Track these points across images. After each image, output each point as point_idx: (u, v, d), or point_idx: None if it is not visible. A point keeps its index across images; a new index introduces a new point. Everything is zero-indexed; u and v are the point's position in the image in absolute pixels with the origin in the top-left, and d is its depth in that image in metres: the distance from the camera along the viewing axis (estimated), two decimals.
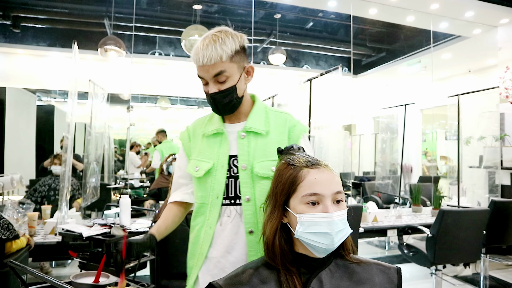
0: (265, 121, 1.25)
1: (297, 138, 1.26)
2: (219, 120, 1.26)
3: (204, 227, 1.22)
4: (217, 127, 1.24)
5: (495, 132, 4.62)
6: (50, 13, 5.50)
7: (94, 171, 4.17)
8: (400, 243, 3.47)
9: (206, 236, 1.20)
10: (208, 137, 1.26)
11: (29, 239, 2.43)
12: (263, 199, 1.10)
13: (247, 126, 1.22)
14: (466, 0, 4.46)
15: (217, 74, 1.14)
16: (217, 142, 1.24)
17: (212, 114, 1.31)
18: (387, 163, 5.67)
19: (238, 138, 1.22)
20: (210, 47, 1.12)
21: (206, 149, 1.25)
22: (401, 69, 6.86)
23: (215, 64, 1.13)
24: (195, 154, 1.27)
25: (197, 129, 1.32)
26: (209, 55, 1.12)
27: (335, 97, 3.88)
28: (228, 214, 1.19)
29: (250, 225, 1.16)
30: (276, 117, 1.27)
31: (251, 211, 1.16)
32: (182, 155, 1.35)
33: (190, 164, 1.27)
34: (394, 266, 0.97)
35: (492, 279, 3.97)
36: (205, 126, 1.29)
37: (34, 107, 6.72)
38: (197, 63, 1.14)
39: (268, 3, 5.39)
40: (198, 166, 1.23)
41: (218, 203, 1.19)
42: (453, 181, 5.00)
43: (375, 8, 4.64)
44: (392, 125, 5.77)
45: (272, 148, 1.18)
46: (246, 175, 1.18)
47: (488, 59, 6.02)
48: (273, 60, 5.76)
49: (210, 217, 1.20)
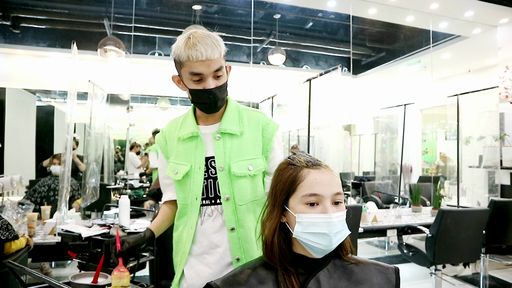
0: (239, 122, 1.28)
1: (271, 136, 1.29)
2: (193, 122, 1.28)
3: (186, 227, 1.26)
4: (191, 131, 1.26)
5: (495, 131, 4.62)
6: (49, 14, 5.49)
7: (93, 172, 4.18)
8: (400, 243, 3.47)
9: (188, 235, 1.25)
10: (184, 141, 1.27)
11: (29, 239, 2.43)
12: (242, 197, 1.22)
13: (222, 128, 1.24)
14: (466, 0, 4.46)
15: (218, 69, 1.16)
16: (193, 145, 1.26)
17: (185, 116, 1.33)
18: (387, 163, 5.67)
19: (214, 140, 1.24)
20: (210, 43, 1.14)
21: (183, 152, 1.27)
22: (401, 69, 6.86)
23: (217, 59, 1.15)
24: (173, 157, 1.30)
25: (172, 132, 1.33)
26: (212, 50, 1.13)
27: (334, 97, 3.88)
28: (209, 214, 1.24)
29: (231, 222, 1.21)
30: (249, 117, 1.30)
31: (231, 209, 1.22)
32: (162, 158, 1.37)
33: (169, 167, 1.30)
34: (392, 266, 0.97)
35: (492, 279, 3.97)
36: (180, 130, 1.30)
37: (34, 107, 6.72)
38: (197, 59, 1.13)
39: (268, 3, 5.39)
40: (177, 169, 1.26)
41: (197, 204, 1.24)
42: (453, 181, 5.00)
43: (374, 8, 4.64)
44: (392, 125, 5.77)
45: (247, 147, 1.25)
46: (224, 175, 1.22)
47: (488, 59, 6.02)
48: (273, 60, 5.76)
49: (191, 217, 1.25)
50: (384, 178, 5.48)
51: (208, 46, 1.13)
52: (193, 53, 1.13)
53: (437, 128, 8.90)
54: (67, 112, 2.93)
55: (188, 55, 1.13)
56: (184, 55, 1.14)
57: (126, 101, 6.58)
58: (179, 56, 1.16)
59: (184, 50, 1.14)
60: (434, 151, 9.11)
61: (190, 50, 1.13)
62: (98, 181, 4.29)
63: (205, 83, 1.17)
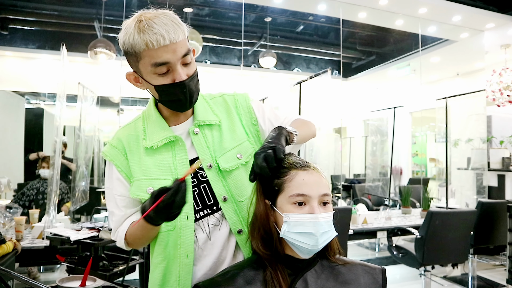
0: (211, 110, 1.09)
1: (249, 109, 1.12)
2: (160, 125, 1.04)
3: (176, 260, 1.01)
4: (166, 135, 1.02)
5: (483, 134, 4.70)
6: (39, 15, 5.45)
7: (83, 175, 4.14)
8: (390, 245, 3.50)
9: (183, 267, 1.01)
10: (157, 149, 1.02)
11: (16, 243, 2.40)
12: (240, 192, 1.04)
13: (199, 120, 1.05)
14: (454, 5, 4.53)
15: (185, 53, 0.93)
16: (169, 152, 1.03)
17: (145, 120, 1.07)
18: (377, 166, 5.71)
19: (192, 136, 1.04)
20: (169, 23, 0.90)
21: (154, 165, 1.02)
22: (391, 72, 6.94)
23: (183, 41, 0.92)
24: (139, 174, 1.02)
25: (131, 143, 1.05)
26: (174, 31, 0.90)
27: (325, 100, 3.91)
28: (214, 223, 1.03)
29: (236, 224, 1.03)
30: (216, 103, 1.12)
31: (232, 209, 1.03)
32: (120, 181, 1.04)
33: (136, 187, 1.01)
34: (379, 267, 0.98)
35: (480, 279, 4.02)
36: (145, 138, 1.04)
37: (23, 110, 6.64)
38: (158, 44, 0.88)
39: (259, 6, 5.41)
40: (151, 187, 0.99)
41: (189, 224, 1.01)
42: (442, 183, 5.06)
43: (364, 12, 4.69)
44: (382, 128, 5.81)
45: (228, 136, 1.07)
46: (213, 174, 1.03)
47: (476, 62, 6.12)
48: (264, 63, 5.78)
49: (184, 243, 1.00)
50: (375, 181, 5.52)
51: (168, 26, 0.89)
52: (152, 38, 0.88)
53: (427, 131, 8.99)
54: (56, 115, 2.90)
55: (146, 42, 0.88)
56: (141, 43, 0.89)
57: (117, 103, 6.54)
58: (132, 46, 0.91)
59: (139, 36, 0.89)
60: (424, 153, 9.20)
61: (147, 35, 0.88)
62: (88, 184, 4.25)
63: (174, 74, 0.93)
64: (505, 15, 4.76)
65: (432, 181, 7.38)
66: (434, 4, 4.43)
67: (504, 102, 4.70)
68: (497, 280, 4.06)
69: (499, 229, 3.49)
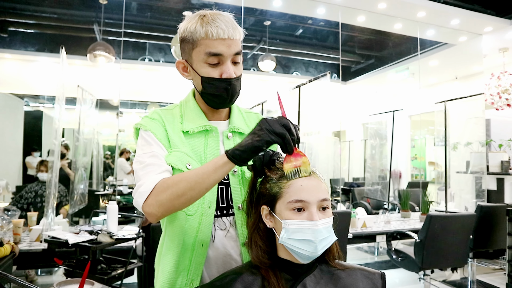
0: (245, 121, 1.13)
1: None
2: (198, 114, 1.06)
3: (190, 247, 1.00)
4: (202, 123, 1.04)
5: (481, 138, 4.70)
6: (38, 18, 5.46)
7: (82, 177, 4.13)
8: (389, 249, 3.49)
9: (197, 256, 1.00)
10: (192, 135, 1.04)
11: (14, 246, 2.39)
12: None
13: (233, 126, 1.08)
14: (452, 8, 4.55)
15: (237, 52, 0.99)
16: (201, 141, 1.04)
17: (182, 108, 1.09)
18: (376, 169, 5.71)
19: (225, 139, 1.07)
20: (230, 22, 0.97)
21: (188, 148, 1.02)
22: (390, 75, 6.95)
23: (238, 41, 0.98)
24: (181, 146, 1.02)
25: (169, 120, 1.06)
26: (233, 30, 0.97)
27: (324, 104, 3.92)
28: (221, 227, 1.03)
29: (244, 236, 1.02)
30: (249, 117, 1.16)
31: (244, 220, 1.02)
32: (159, 146, 1.00)
33: (178, 157, 0.99)
34: (378, 272, 0.97)
35: (479, 283, 4.01)
36: (181, 123, 1.05)
37: (22, 112, 6.64)
38: (217, 36, 0.94)
39: (258, 10, 5.43)
40: (190, 164, 0.99)
41: (210, 213, 1.01)
42: (441, 187, 5.06)
43: (363, 15, 4.71)
44: (381, 131, 5.82)
45: None
46: (236, 180, 1.05)
47: (474, 66, 6.14)
48: (263, 67, 5.79)
49: (202, 232, 1.00)
50: (374, 184, 5.52)
51: (229, 24, 0.96)
52: (213, 30, 0.94)
53: (426, 134, 9.00)
54: (55, 117, 2.90)
55: (207, 32, 0.94)
56: (201, 32, 0.95)
57: (116, 106, 6.54)
58: (192, 34, 0.96)
59: (201, 26, 0.95)
60: (423, 157, 9.21)
61: (209, 26, 0.95)
62: (86, 187, 4.24)
63: (223, 67, 0.98)
64: (503, 19, 4.78)
65: (431, 184, 7.37)
66: (433, 8, 4.45)
67: (502, 105, 4.71)
68: (497, 284, 4.05)
69: (498, 233, 3.48)
